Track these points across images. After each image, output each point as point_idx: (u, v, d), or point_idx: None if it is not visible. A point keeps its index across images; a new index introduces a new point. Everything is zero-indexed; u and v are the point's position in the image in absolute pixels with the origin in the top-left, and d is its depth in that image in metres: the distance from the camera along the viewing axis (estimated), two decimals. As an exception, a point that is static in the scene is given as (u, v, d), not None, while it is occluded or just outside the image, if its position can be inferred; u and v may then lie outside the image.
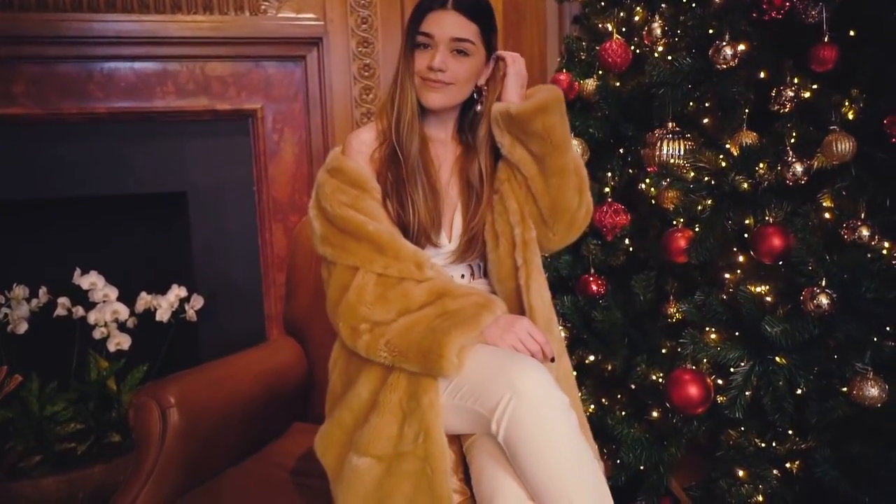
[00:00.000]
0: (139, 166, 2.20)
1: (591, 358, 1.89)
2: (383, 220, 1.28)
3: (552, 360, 1.23)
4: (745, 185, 1.40)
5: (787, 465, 1.47)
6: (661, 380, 1.58)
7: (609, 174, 1.83)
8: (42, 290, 2.07)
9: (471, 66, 1.26)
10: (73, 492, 1.95)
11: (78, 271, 2.05)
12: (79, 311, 2.06)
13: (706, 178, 1.45)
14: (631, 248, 1.77)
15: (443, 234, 1.34)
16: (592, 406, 1.75)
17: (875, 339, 1.29)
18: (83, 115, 2.12)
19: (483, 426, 1.13)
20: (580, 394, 1.79)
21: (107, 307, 2.02)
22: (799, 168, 1.34)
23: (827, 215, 1.42)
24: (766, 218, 1.38)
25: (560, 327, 1.78)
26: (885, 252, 1.32)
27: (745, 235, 1.47)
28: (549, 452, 1.08)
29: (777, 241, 1.32)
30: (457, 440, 1.25)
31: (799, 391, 1.46)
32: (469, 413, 1.15)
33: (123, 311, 2.04)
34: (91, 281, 2.02)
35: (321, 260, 1.33)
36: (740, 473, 1.44)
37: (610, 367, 1.83)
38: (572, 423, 1.12)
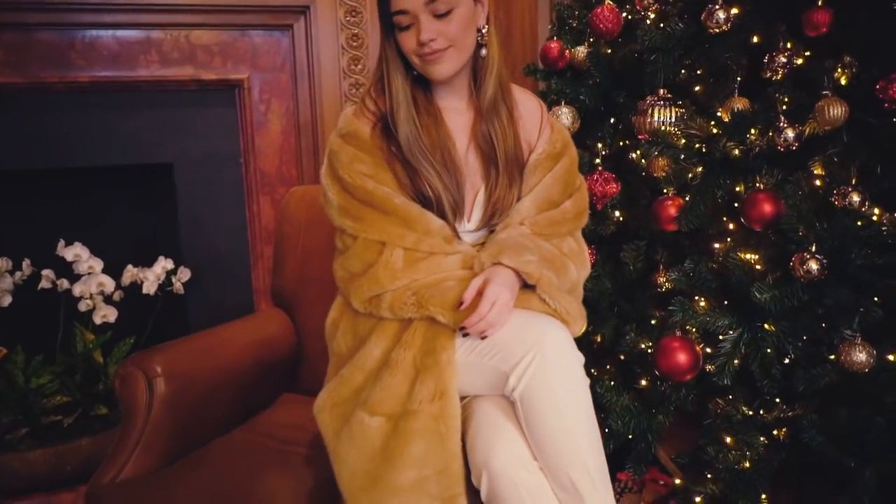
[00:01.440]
0: (124, 137, 2.16)
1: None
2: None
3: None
4: (737, 152, 1.39)
5: (775, 432, 1.48)
6: (650, 349, 1.58)
7: (600, 145, 1.82)
8: (25, 263, 2.04)
9: (461, 19, 1.18)
10: (61, 464, 1.94)
11: (62, 243, 2.02)
12: (64, 283, 2.04)
13: (697, 145, 1.44)
14: (621, 218, 1.76)
15: (466, 208, 1.29)
16: (582, 376, 1.75)
17: (864, 304, 1.28)
18: (65, 85, 2.07)
19: (498, 383, 1.12)
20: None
21: (92, 279, 2.00)
22: (791, 134, 1.33)
23: (818, 182, 1.41)
24: (757, 185, 1.37)
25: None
26: (875, 218, 1.31)
27: (736, 205, 1.47)
28: (568, 409, 1.09)
29: (768, 208, 1.32)
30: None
31: (787, 360, 1.47)
32: (485, 370, 1.13)
33: (109, 284, 2.02)
34: (75, 252, 1.99)
35: (337, 231, 1.28)
36: (727, 440, 1.45)
37: (599, 339, 1.83)
38: (587, 384, 1.14)
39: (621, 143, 1.84)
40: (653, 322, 1.65)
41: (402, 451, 1.12)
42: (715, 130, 1.44)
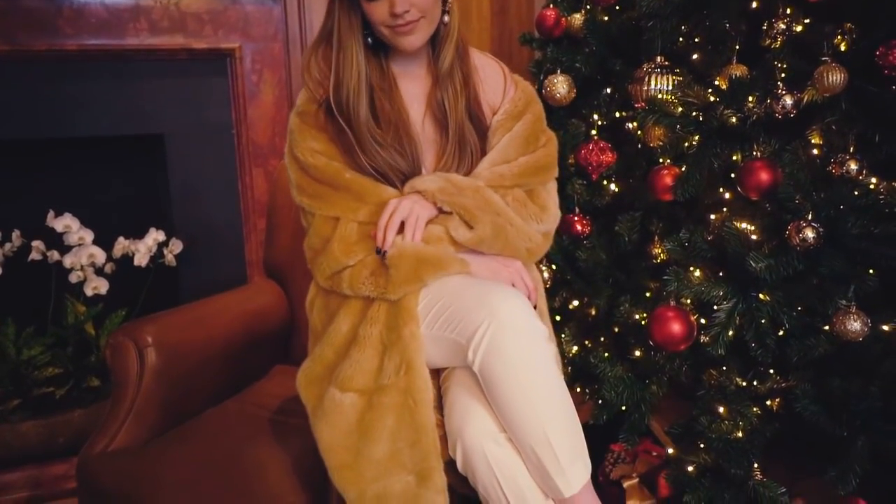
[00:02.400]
0: (113, 107, 2.13)
1: (575, 303, 1.88)
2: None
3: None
4: (734, 120, 1.36)
5: (768, 402, 1.48)
6: (644, 320, 1.57)
7: (596, 115, 1.80)
8: (15, 234, 2.02)
9: None
10: (53, 436, 1.94)
11: (51, 213, 2.00)
12: (54, 255, 2.02)
13: (694, 113, 1.42)
14: (616, 190, 1.75)
15: (424, 173, 1.28)
16: (575, 347, 1.75)
17: (859, 274, 1.27)
18: (53, 53, 2.04)
19: (461, 357, 1.11)
20: (564, 335, 1.78)
21: (82, 250, 1.98)
22: (789, 101, 1.30)
23: (815, 151, 1.39)
24: (754, 153, 1.35)
25: (543, 267, 1.77)
26: (872, 187, 1.30)
27: (732, 175, 1.45)
28: (526, 380, 1.07)
29: (765, 176, 1.30)
30: (437, 376, 1.24)
31: (781, 332, 1.46)
32: (447, 343, 1.13)
33: (100, 255, 2.00)
34: (65, 223, 1.97)
35: (299, 209, 1.29)
36: (720, 410, 1.44)
37: (594, 312, 1.82)
38: (550, 354, 1.11)
39: (618, 115, 1.82)
40: (647, 295, 1.64)
41: (376, 425, 1.12)
42: (712, 98, 1.41)
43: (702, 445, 1.45)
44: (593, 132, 1.76)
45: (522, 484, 1.09)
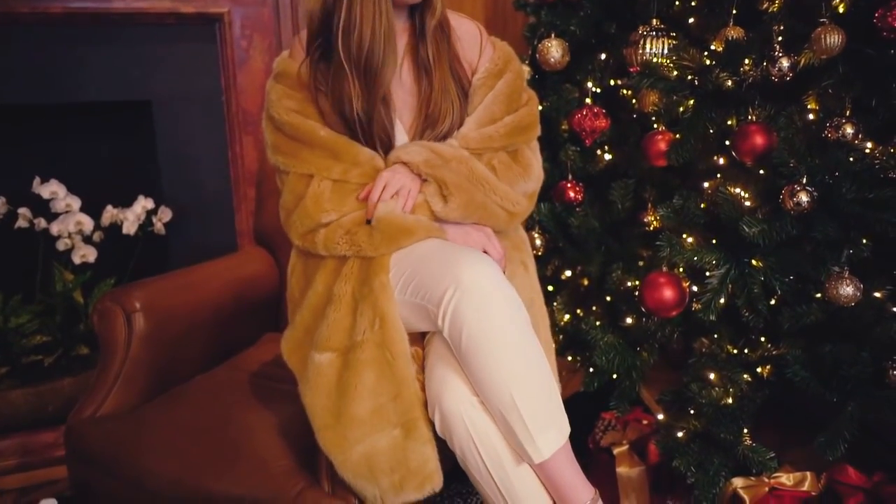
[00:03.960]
0: (99, 73, 2.08)
1: (568, 273, 1.87)
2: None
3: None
4: (730, 83, 1.35)
5: (759, 369, 1.48)
6: (636, 287, 1.57)
7: (590, 83, 1.77)
8: (0, 201, 1.99)
9: None
10: (42, 405, 1.93)
11: (37, 180, 1.97)
12: (41, 222, 2.00)
13: (689, 77, 1.40)
14: (610, 157, 1.73)
15: (398, 125, 1.28)
16: (567, 316, 1.74)
17: (853, 239, 1.26)
18: (36, 16, 1.99)
19: (433, 322, 1.11)
20: (556, 304, 1.78)
21: (70, 218, 1.95)
22: (785, 63, 1.28)
23: (811, 117, 1.38)
24: (749, 117, 1.34)
25: (536, 234, 1.75)
26: (867, 151, 1.29)
27: (727, 143, 1.43)
28: (491, 346, 1.06)
29: (759, 140, 1.28)
30: (420, 340, 1.23)
31: (773, 301, 1.46)
32: (419, 309, 1.13)
33: (87, 223, 1.97)
34: (52, 190, 1.94)
35: (274, 170, 1.29)
36: (711, 377, 1.44)
37: (586, 282, 1.81)
38: (520, 317, 1.10)
39: (612, 83, 1.79)
40: (640, 264, 1.64)
41: (354, 383, 1.12)
42: (708, 62, 1.40)
43: (692, 412, 1.45)
44: (588, 100, 1.74)
45: (498, 448, 1.10)
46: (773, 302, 1.44)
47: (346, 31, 1.16)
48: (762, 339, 1.50)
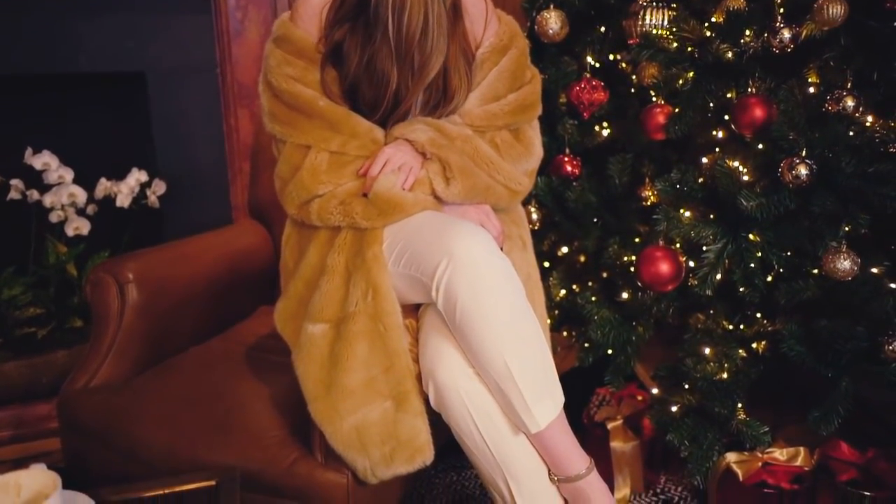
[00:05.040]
0: (91, 43, 2.05)
1: (565, 249, 1.86)
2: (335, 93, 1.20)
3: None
4: (730, 55, 1.33)
5: (754, 345, 1.47)
6: (632, 262, 1.56)
7: (590, 58, 1.75)
8: (-8, 172, 1.98)
9: None
10: (36, 377, 1.92)
11: (29, 150, 1.94)
12: (34, 194, 1.98)
13: (689, 49, 1.38)
14: (609, 131, 1.72)
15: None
16: (563, 291, 1.74)
17: (851, 213, 1.26)
18: (28, -15, 1.96)
19: (428, 294, 1.10)
20: (552, 279, 1.77)
21: (63, 189, 1.93)
22: (787, 34, 1.27)
23: (812, 90, 1.36)
24: (749, 89, 1.32)
25: (533, 209, 1.74)
26: (867, 125, 1.27)
27: (726, 117, 1.42)
28: (485, 316, 1.05)
29: (759, 112, 1.27)
30: (414, 312, 1.23)
31: (770, 277, 1.45)
32: (413, 281, 1.12)
33: (81, 195, 1.95)
34: (44, 161, 1.92)
35: (271, 138, 1.26)
36: (706, 352, 1.44)
37: (583, 259, 1.81)
38: (514, 288, 1.10)
39: (611, 57, 1.77)
40: (637, 240, 1.63)
41: (346, 354, 1.11)
42: (708, 33, 1.38)
43: (686, 386, 1.45)
44: (586, 74, 1.72)
45: (495, 419, 1.09)
46: (769, 278, 1.44)
47: (397, 10, 1.13)
48: (758, 314, 1.49)
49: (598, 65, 1.75)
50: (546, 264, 1.87)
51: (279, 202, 1.26)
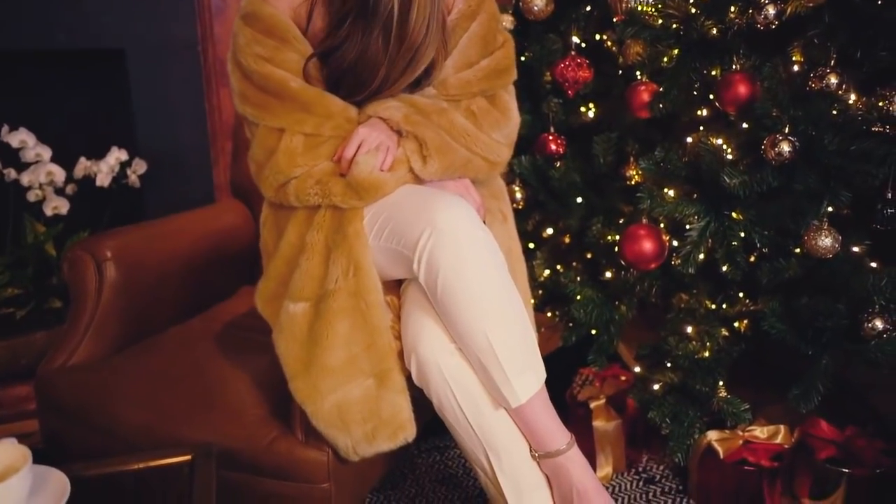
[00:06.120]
0: (69, 18, 2.01)
1: (550, 231, 1.86)
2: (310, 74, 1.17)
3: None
4: (714, 32, 1.32)
5: (736, 324, 1.48)
6: (616, 242, 1.56)
7: (575, 38, 1.74)
8: (-32, 151, 1.94)
9: None
10: (15, 358, 1.90)
11: (6, 128, 1.91)
12: (11, 173, 1.94)
13: (674, 26, 1.37)
14: (594, 111, 1.71)
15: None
16: (547, 271, 1.73)
17: (833, 191, 1.26)
18: (2, -43, 1.92)
19: (409, 268, 1.09)
20: (536, 260, 1.77)
21: (40, 168, 1.90)
22: (771, 11, 1.26)
23: (796, 68, 1.36)
24: (734, 66, 1.32)
25: (517, 188, 1.74)
26: (850, 103, 1.27)
27: (711, 96, 1.41)
28: (467, 288, 1.04)
29: (743, 89, 1.27)
30: (395, 289, 1.22)
31: (752, 258, 1.45)
32: (395, 255, 1.10)
33: (59, 173, 1.92)
34: (21, 139, 1.88)
35: (242, 119, 1.24)
36: (689, 331, 1.44)
37: (567, 240, 1.80)
38: (496, 261, 1.08)
39: (597, 37, 1.76)
40: (621, 221, 1.63)
41: (327, 332, 1.09)
42: (693, 10, 1.37)
43: (668, 365, 1.46)
44: (572, 52, 1.71)
45: (475, 394, 1.09)
46: (752, 258, 1.44)
47: (403, 9, 1.10)
48: (741, 294, 1.50)
49: (583, 44, 1.74)
50: (531, 245, 1.87)
51: (255, 184, 1.23)
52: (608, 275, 1.58)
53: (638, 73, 1.49)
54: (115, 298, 1.44)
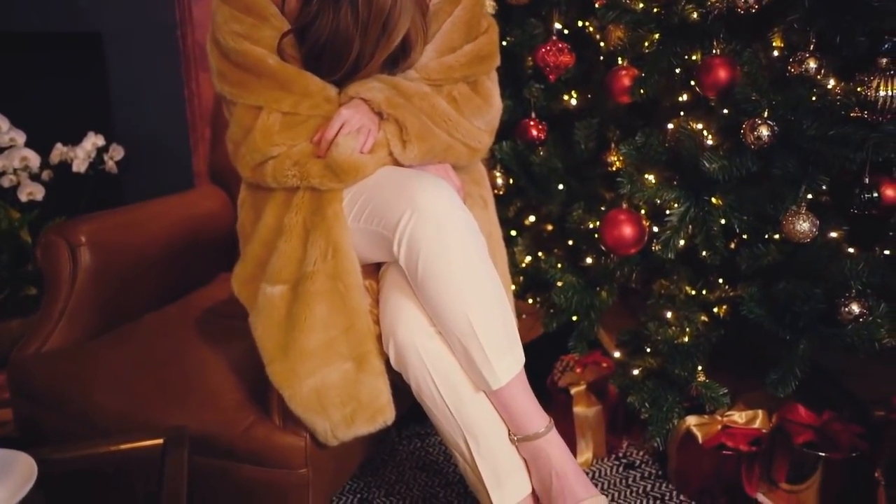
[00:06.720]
0: (44, 1, 1.98)
1: (532, 219, 1.86)
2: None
3: None
4: (695, 16, 1.32)
5: (715, 309, 1.48)
6: (596, 228, 1.56)
7: (558, 24, 1.73)
8: (-59, 135, 1.90)
9: None
10: (-10, 345, 1.87)
11: (-23, 112, 1.88)
12: (-16, 159, 1.91)
13: (655, 10, 1.37)
14: (576, 97, 1.70)
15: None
16: (529, 258, 1.73)
17: (811, 175, 1.26)
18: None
19: (389, 250, 1.08)
20: (517, 247, 1.76)
21: (14, 153, 1.87)
22: (751, -6, 1.26)
23: (776, 54, 1.36)
24: (714, 51, 1.31)
25: (498, 173, 1.73)
26: (829, 88, 1.27)
27: (692, 82, 1.41)
28: (448, 270, 1.04)
29: (723, 73, 1.27)
30: (375, 274, 1.21)
31: (732, 245, 1.46)
32: (375, 236, 1.09)
33: (34, 158, 1.89)
34: (-7, 123, 1.85)
35: (221, 99, 1.22)
36: (668, 316, 1.45)
37: (550, 227, 1.80)
38: (477, 242, 1.08)
39: (580, 24, 1.75)
40: (602, 208, 1.63)
41: (305, 315, 1.08)
42: (674, -7, 1.36)
43: (648, 350, 1.46)
44: (553, 37, 1.70)
45: (454, 377, 1.08)
46: (732, 245, 1.45)
47: None
48: (720, 280, 1.50)
49: (565, 31, 1.73)
50: (513, 233, 1.87)
51: (234, 170, 1.22)
52: (589, 261, 1.58)
53: (619, 59, 1.48)
54: (90, 284, 1.42)
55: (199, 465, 1.16)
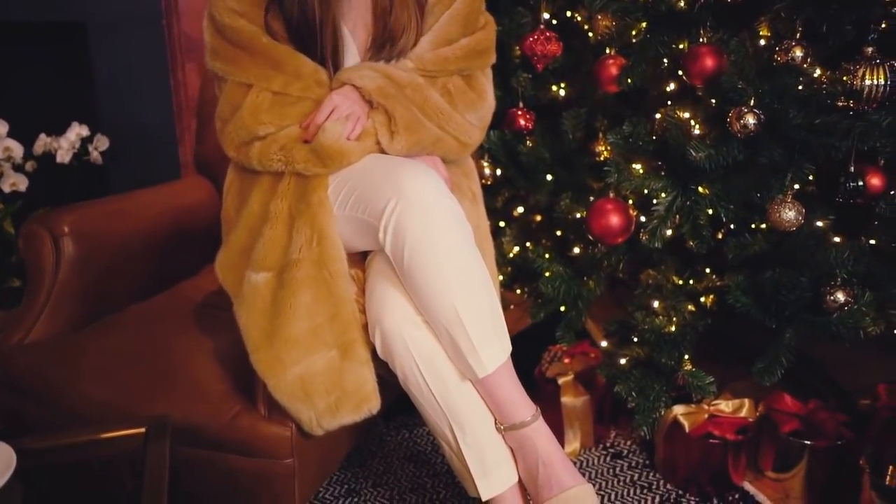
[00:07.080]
0: (27, -11, 1.96)
1: (520, 210, 1.85)
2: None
3: None
4: (682, 4, 1.32)
5: (703, 299, 1.49)
6: (584, 217, 1.55)
7: (546, 14, 1.72)
8: (-78, 125, 1.87)
9: None
10: (-26, 338, 1.85)
11: (-40, 101, 1.85)
12: (-34, 149, 1.89)
13: (642, -1, 1.37)
14: (564, 88, 1.70)
15: (349, 41, 1.22)
16: (517, 248, 1.73)
17: (797, 164, 1.26)
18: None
19: (375, 238, 1.07)
20: (505, 237, 1.76)
21: (-3, 143, 1.85)
22: (738, -17, 1.26)
23: (763, 43, 1.36)
24: (701, 39, 1.31)
25: (486, 163, 1.72)
26: (815, 76, 1.28)
27: (679, 72, 1.41)
28: (434, 258, 1.03)
29: (710, 62, 1.27)
30: (360, 263, 1.20)
31: (720, 235, 1.46)
32: (360, 224, 1.09)
33: (17, 149, 1.87)
34: (-24, 113, 1.83)
35: (213, 77, 1.22)
36: (655, 306, 1.45)
37: (539, 218, 1.80)
38: (464, 230, 1.07)
39: (568, 14, 1.75)
40: (590, 198, 1.62)
41: (290, 302, 1.07)
42: (661, -17, 1.36)
43: (635, 339, 1.46)
44: (541, 26, 1.69)
45: (440, 365, 1.08)
46: (719, 235, 1.45)
47: None
48: (707, 269, 1.51)
49: (553, 20, 1.73)
50: (501, 224, 1.86)
51: (220, 160, 1.22)
52: (576, 250, 1.57)
53: (607, 48, 1.48)
54: (74, 275, 1.40)
55: (185, 455, 1.15)
